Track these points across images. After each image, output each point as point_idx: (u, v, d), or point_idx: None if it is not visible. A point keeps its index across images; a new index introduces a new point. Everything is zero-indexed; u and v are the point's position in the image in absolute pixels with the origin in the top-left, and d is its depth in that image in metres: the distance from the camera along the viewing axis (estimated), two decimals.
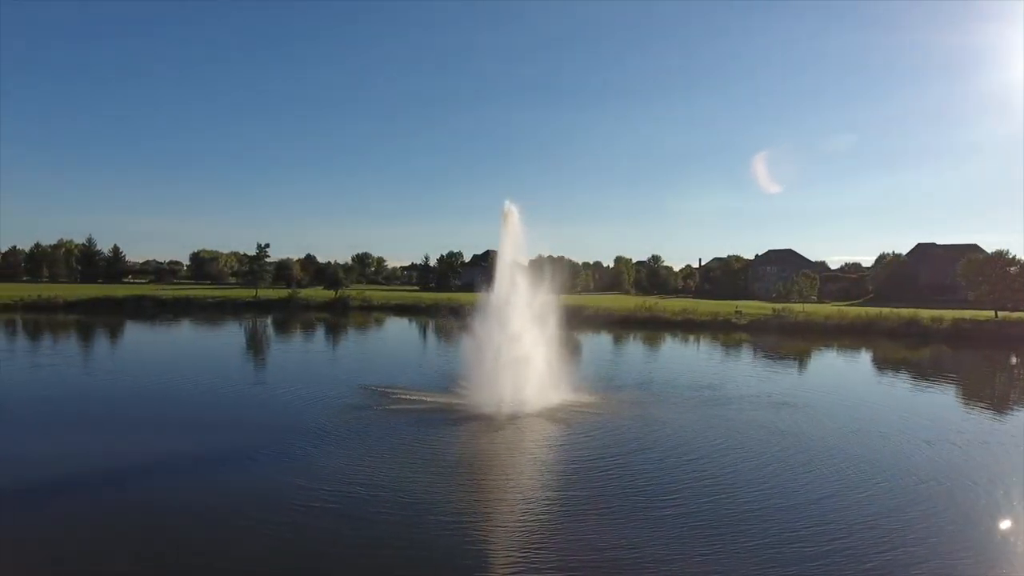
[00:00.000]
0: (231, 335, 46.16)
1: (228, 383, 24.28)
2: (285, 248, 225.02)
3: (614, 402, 20.35)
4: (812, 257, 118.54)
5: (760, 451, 15.15)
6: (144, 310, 64.87)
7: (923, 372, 32.52)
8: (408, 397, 19.98)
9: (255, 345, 41.01)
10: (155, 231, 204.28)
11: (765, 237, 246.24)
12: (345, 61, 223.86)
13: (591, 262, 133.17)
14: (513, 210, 20.86)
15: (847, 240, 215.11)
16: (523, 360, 18.69)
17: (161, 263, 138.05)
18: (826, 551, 9.50)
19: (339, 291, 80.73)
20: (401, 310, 73.22)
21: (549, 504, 11.57)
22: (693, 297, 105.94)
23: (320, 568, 8.83)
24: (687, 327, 53.49)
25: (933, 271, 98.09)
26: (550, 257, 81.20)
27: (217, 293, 77.01)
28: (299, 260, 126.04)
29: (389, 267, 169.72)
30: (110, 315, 59.28)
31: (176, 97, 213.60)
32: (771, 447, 15.51)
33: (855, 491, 12.33)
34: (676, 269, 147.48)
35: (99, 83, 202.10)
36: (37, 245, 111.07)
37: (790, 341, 45.01)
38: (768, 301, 79.23)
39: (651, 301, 66.19)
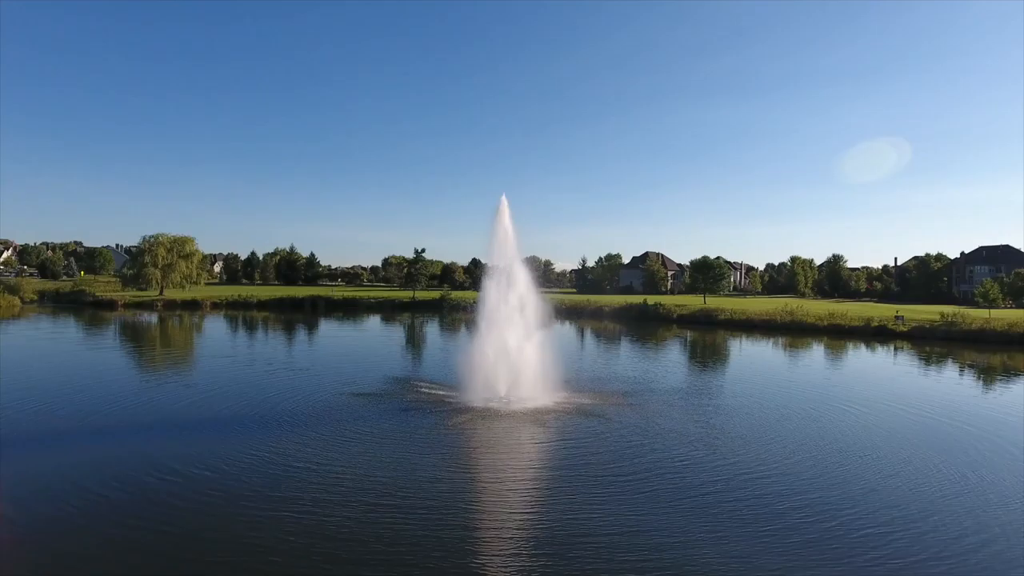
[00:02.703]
0: (387, 332, 50.93)
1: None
2: (464, 253, 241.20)
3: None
4: None
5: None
6: (318, 308, 74.18)
7: None
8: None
9: (414, 340, 45.08)
10: (351, 239, 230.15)
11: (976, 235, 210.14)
12: (544, 66, 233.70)
13: (761, 264, 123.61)
14: (504, 205, 20.95)
15: None
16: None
17: (353, 268, 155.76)
18: None
19: None
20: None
21: None
22: (878, 301, 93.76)
23: None
24: (833, 333, 47.83)
25: None
26: (705, 259, 77.71)
27: (380, 294, 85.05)
28: (463, 266, 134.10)
29: (557, 270, 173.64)
30: (292, 312, 68.82)
31: (369, 120, 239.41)
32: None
33: None
34: (874, 268, 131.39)
35: (312, 110, 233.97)
36: (253, 253, 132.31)
37: (959, 350, 38.27)
38: (972, 307, 67.22)
39: (794, 304, 60.02)
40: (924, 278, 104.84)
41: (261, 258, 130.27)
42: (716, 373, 30.09)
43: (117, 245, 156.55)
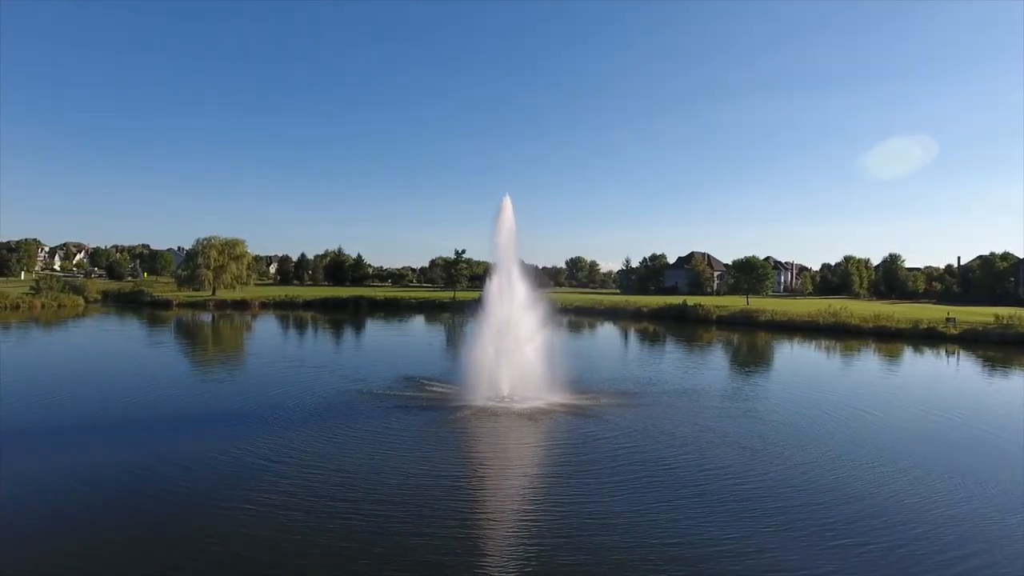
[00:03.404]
0: (421, 331, 51.96)
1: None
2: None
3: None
4: None
5: None
6: (360, 308, 76.12)
7: None
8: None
9: (448, 339, 45.99)
10: (402, 240, 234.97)
11: None
12: (593, 64, 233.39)
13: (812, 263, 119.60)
14: (508, 203, 21.02)
15: None
16: None
17: (401, 269, 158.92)
18: None
19: None
20: (580, 312, 74.58)
21: None
22: (936, 302, 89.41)
23: None
24: (879, 335, 45.95)
25: None
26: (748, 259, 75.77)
27: (421, 295, 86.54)
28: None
29: (603, 271, 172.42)
30: (335, 311, 70.88)
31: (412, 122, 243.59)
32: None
33: None
34: (935, 268, 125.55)
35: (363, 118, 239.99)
36: (303, 255, 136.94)
37: (1016, 355, 36.13)
38: None
39: (838, 304, 57.75)
40: (988, 278, 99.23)
41: (311, 259, 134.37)
42: (736, 374, 29.36)
43: (179, 247, 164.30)
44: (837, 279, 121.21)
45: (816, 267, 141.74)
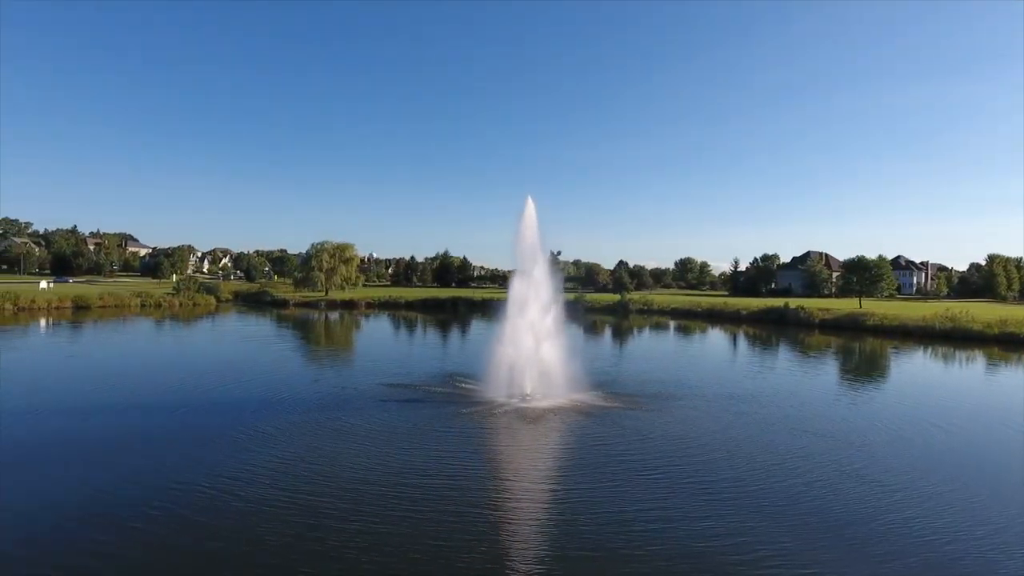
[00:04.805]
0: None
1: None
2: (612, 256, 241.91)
3: None
4: None
5: None
6: (459, 309, 79.14)
7: None
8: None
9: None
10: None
11: None
12: (712, 61, 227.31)
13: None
14: (530, 205, 21.13)
15: None
16: None
17: (500, 270, 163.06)
18: None
19: (622, 295, 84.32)
20: (679, 315, 72.58)
21: None
22: None
23: None
24: (1004, 343, 40.86)
25: None
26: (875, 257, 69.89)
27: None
28: (609, 269, 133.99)
29: (715, 272, 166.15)
30: (436, 311, 74.28)
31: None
32: None
33: None
34: None
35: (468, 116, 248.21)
36: (412, 257, 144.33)
37: None
38: None
39: (957, 308, 51.61)
40: None
41: (421, 262, 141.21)
42: (800, 381, 27.43)
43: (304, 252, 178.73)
44: (981, 280, 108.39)
45: (963, 267, 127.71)
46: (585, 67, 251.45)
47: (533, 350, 20.19)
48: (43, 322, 48.45)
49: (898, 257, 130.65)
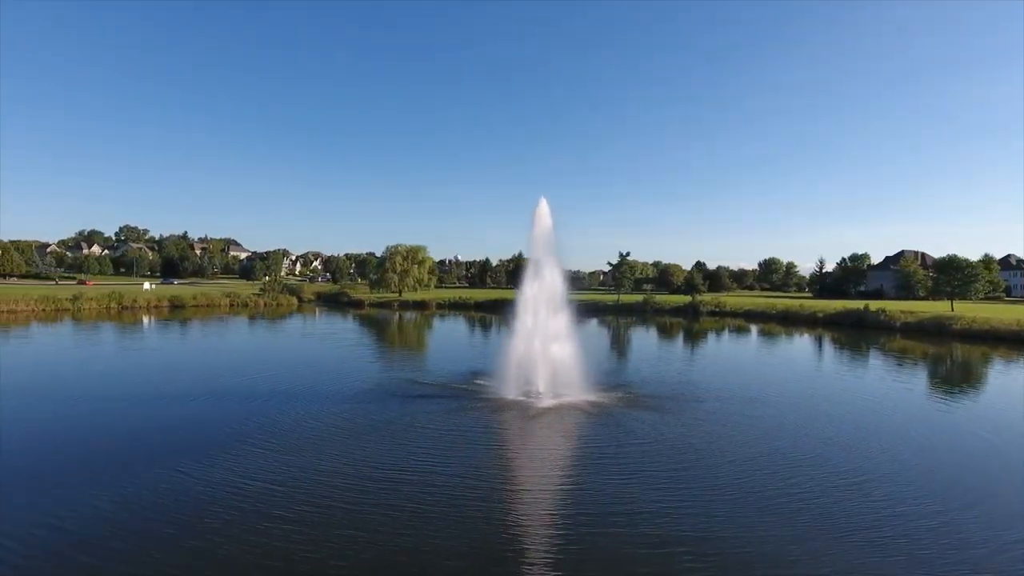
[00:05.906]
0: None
1: None
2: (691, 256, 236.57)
3: None
4: None
5: None
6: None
7: None
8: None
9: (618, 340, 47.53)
10: (591, 244, 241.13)
11: None
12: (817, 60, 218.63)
13: None
14: (543, 205, 21.24)
15: None
16: None
17: (576, 272, 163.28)
18: None
19: (693, 296, 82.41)
20: (752, 317, 70.21)
21: None
22: None
23: None
24: None
25: None
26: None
27: (585, 298, 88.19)
28: (686, 270, 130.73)
29: (801, 272, 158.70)
30: (502, 311, 75.62)
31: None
32: None
33: None
34: None
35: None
36: (487, 259, 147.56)
37: None
38: None
39: None
40: None
41: (495, 264, 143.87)
42: (845, 387, 26.10)
43: None
44: None
45: None
46: (687, 70, 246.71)
47: (540, 349, 20.71)
48: (145, 320, 53.77)
49: (1008, 256, 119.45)
